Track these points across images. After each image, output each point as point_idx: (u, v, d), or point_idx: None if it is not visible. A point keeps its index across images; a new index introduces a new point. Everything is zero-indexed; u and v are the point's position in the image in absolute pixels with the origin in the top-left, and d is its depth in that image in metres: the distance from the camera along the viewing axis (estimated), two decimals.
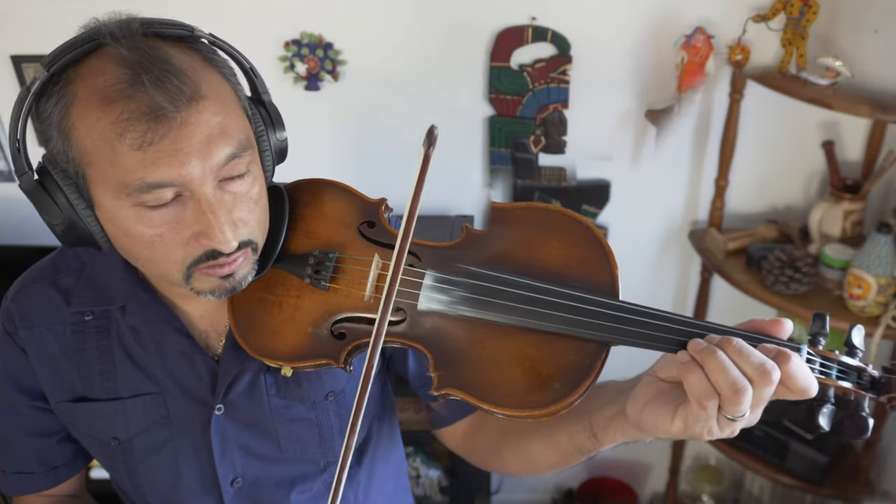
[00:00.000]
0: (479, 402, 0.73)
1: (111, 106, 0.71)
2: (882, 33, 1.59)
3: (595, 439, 0.85)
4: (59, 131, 0.74)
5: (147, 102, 0.70)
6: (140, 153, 0.71)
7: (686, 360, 0.69)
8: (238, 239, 0.77)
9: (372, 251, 0.84)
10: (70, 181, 0.76)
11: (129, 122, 0.70)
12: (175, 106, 0.71)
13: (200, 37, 0.78)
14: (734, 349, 0.67)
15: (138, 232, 0.75)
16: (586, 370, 0.72)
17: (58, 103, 0.73)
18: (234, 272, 0.80)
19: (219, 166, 0.75)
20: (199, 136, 0.72)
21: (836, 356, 0.73)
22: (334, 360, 0.80)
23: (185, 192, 0.74)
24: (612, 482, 2.40)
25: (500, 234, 0.82)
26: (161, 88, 0.70)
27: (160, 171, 0.71)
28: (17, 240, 2.01)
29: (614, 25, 1.76)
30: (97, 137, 0.72)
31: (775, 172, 1.92)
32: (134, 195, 0.73)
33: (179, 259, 0.77)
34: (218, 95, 0.76)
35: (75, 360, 0.94)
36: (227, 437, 0.95)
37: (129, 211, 0.74)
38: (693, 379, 0.68)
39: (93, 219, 0.77)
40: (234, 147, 0.75)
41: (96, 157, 0.73)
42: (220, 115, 0.75)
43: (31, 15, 1.78)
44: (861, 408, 0.71)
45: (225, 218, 0.75)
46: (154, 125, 0.70)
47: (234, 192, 0.77)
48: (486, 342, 0.76)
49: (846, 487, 1.93)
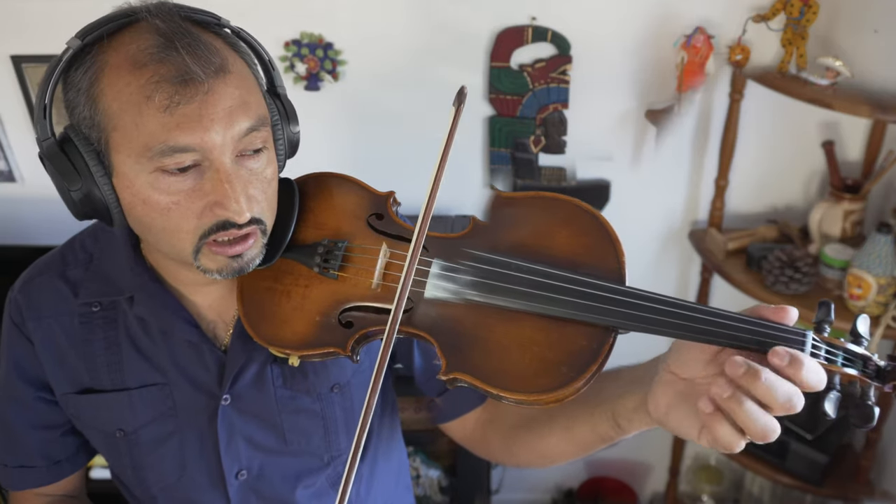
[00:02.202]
0: (487, 386, 0.74)
1: (142, 69, 0.73)
2: (882, 33, 1.60)
3: (619, 429, 0.86)
4: (88, 97, 0.76)
5: (178, 67, 0.73)
6: (166, 116, 0.73)
7: (710, 412, 0.69)
8: (251, 213, 0.79)
9: (380, 241, 0.85)
10: (91, 148, 0.77)
11: (159, 85, 0.73)
12: (204, 72, 0.74)
13: (226, 25, 0.82)
14: (763, 387, 0.65)
15: (155, 199, 0.77)
16: (594, 355, 0.73)
17: (88, 70, 0.76)
18: (242, 253, 0.81)
19: (239, 136, 0.77)
20: (224, 105, 0.75)
21: (841, 343, 0.73)
22: (342, 348, 0.81)
23: (204, 161, 0.76)
24: (612, 482, 2.40)
25: (506, 223, 0.83)
26: (192, 55, 0.74)
27: (184, 134, 0.73)
28: (17, 240, 2.01)
29: (614, 25, 1.76)
30: (125, 101, 0.74)
31: (775, 172, 1.92)
32: (155, 159, 0.74)
33: (192, 229, 0.78)
34: (241, 73, 0.79)
35: (82, 351, 0.94)
36: (233, 429, 0.95)
37: (148, 177, 0.76)
38: (720, 431, 0.68)
39: (110, 187, 0.79)
40: (253, 121, 0.78)
41: (122, 120, 0.75)
42: (242, 89, 0.78)
43: (31, 15, 1.78)
44: (867, 396, 0.71)
45: (241, 189, 0.77)
46: (182, 89, 0.73)
47: (251, 168, 0.80)
48: (494, 327, 0.76)
49: (846, 487, 1.93)
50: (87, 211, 0.80)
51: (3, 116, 1.92)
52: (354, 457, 0.71)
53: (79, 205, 0.79)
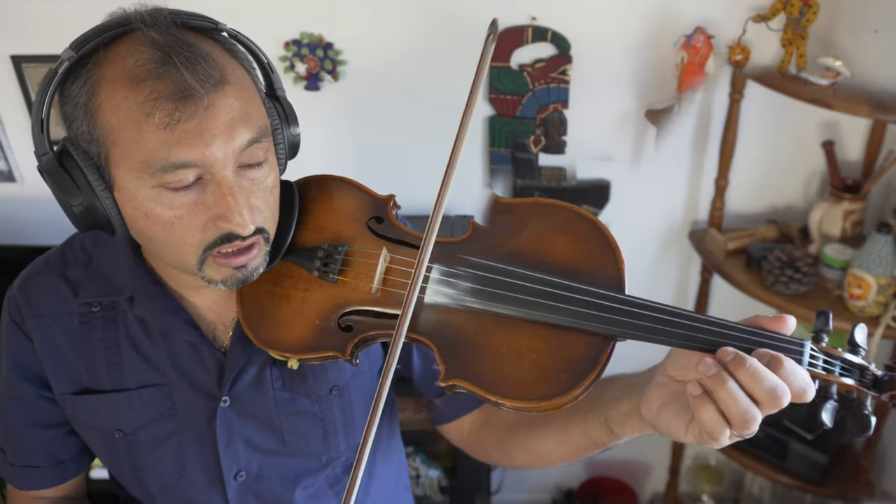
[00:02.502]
0: (485, 393, 0.74)
1: (140, 86, 0.73)
2: (882, 33, 1.59)
3: (612, 434, 0.86)
4: (85, 112, 0.75)
5: (176, 83, 0.72)
6: (166, 133, 0.72)
7: (697, 394, 0.70)
8: (254, 224, 0.79)
9: (380, 245, 0.85)
10: (91, 162, 0.77)
11: (158, 102, 0.72)
12: (203, 87, 0.73)
13: (223, 30, 0.81)
14: (748, 373, 0.67)
15: (157, 213, 0.77)
16: (592, 363, 0.73)
17: (84, 84, 0.75)
18: (247, 263, 0.81)
19: (240, 149, 0.76)
20: (224, 118, 0.75)
21: (839, 353, 0.73)
22: (341, 352, 0.81)
23: (206, 174, 0.76)
24: (612, 482, 2.40)
25: (506, 229, 0.83)
26: (191, 70, 0.73)
27: (184, 151, 0.73)
28: (17, 240, 2.01)
29: (614, 25, 1.76)
30: (124, 116, 0.73)
31: (775, 172, 1.92)
32: (157, 175, 0.74)
33: (196, 242, 0.78)
34: (240, 83, 0.79)
35: (82, 351, 0.94)
36: (232, 430, 0.95)
37: (150, 192, 0.76)
38: (705, 414, 0.69)
39: (111, 201, 0.79)
40: (254, 132, 0.78)
41: (122, 136, 0.74)
42: (242, 100, 0.77)
43: (31, 15, 1.78)
44: (864, 405, 0.72)
45: (244, 201, 0.77)
46: (182, 105, 0.72)
47: (252, 178, 0.79)
48: (493, 334, 0.76)
49: (846, 487, 1.93)
50: (89, 223, 0.80)
51: (3, 116, 1.92)
52: (357, 467, 0.71)
53: (80, 218, 0.79)
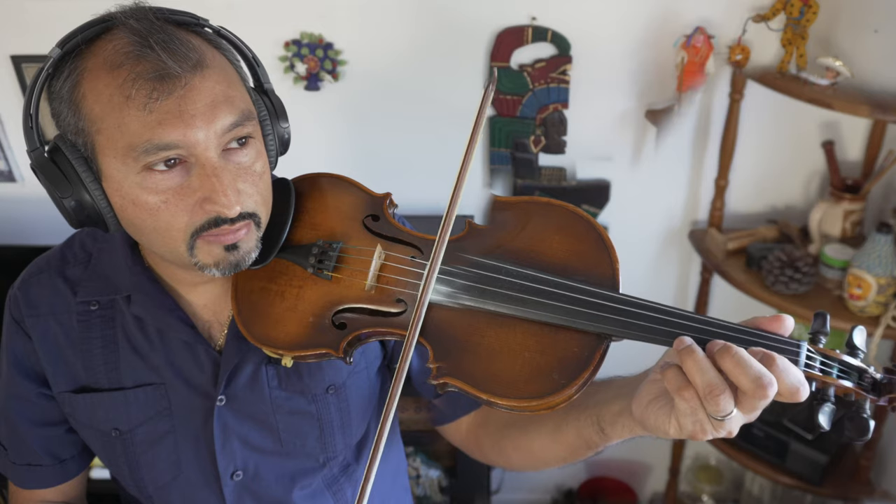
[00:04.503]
0: (478, 392, 0.73)
1: (118, 69, 0.74)
2: (882, 33, 1.59)
3: (603, 434, 0.85)
4: (70, 104, 0.77)
5: (153, 64, 0.73)
6: (146, 113, 0.73)
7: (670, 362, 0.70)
8: (242, 206, 0.79)
9: (375, 243, 0.85)
10: (78, 154, 0.78)
11: (136, 82, 0.73)
12: (181, 67, 0.74)
13: (205, 25, 0.82)
14: (733, 360, 0.66)
15: (144, 200, 0.77)
16: (586, 362, 0.73)
17: (68, 77, 0.77)
18: (238, 243, 0.81)
19: (223, 132, 0.77)
20: (204, 100, 0.75)
21: (836, 355, 0.72)
22: (334, 349, 0.81)
23: (190, 157, 0.76)
24: (612, 482, 2.40)
25: (502, 227, 0.83)
26: (168, 51, 0.74)
27: (166, 131, 0.74)
28: (17, 240, 2.01)
29: (614, 25, 1.76)
30: (105, 103, 0.74)
31: (775, 172, 1.92)
32: (141, 158, 0.75)
33: (183, 227, 0.79)
34: (221, 68, 0.80)
35: (80, 349, 0.95)
36: (228, 429, 0.95)
37: (136, 178, 0.76)
38: (670, 373, 0.69)
39: (100, 192, 0.79)
40: (237, 116, 0.78)
41: (105, 123, 0.75)
42: (223, 84, 0.78)
43: (31, 15, 1.78)
44: (862, 409, 0.71)
45: (229, 182, 0.77)
46: (160, 85, 0.73)
47: (238, 162, 0.80)
48: (486, 332, 0.76)
49: (846, 487, 1.93)
50: (81, 219, 0.81)
51: (3, 116, 1.93)
52: (369, 474, 0.71)
53: (73, 213, 0.80)
